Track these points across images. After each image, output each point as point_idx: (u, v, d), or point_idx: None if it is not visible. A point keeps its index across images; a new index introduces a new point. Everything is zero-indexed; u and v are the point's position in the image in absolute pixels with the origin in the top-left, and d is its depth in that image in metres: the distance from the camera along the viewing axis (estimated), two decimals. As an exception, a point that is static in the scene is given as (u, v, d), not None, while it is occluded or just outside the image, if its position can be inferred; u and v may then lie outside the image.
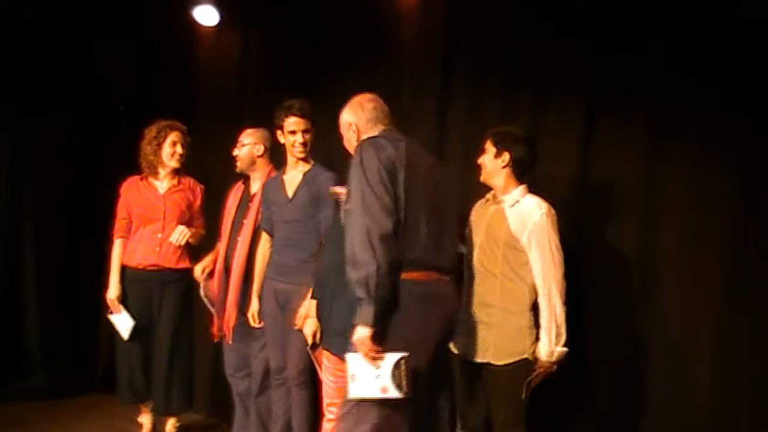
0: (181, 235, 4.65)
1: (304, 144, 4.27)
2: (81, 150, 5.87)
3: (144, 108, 4.77)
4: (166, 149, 4.72)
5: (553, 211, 3.61)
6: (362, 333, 3.10)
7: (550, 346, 3.51)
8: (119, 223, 4.77)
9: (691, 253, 3.83)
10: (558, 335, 3.52)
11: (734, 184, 3.71)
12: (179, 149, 4.74)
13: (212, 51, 5.82)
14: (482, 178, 3.76)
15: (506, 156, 3.67)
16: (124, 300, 4.66)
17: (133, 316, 4.63)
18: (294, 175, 4.30)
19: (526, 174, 3.72)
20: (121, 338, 4.67)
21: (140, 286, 4.69)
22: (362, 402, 3.18)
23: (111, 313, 4.68)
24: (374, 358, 3.10)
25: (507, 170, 3.68)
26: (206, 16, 5.68)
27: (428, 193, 3.32)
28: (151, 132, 4.74)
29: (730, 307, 3.71)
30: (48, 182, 5.81)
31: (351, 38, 5.02)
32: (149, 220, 4.72)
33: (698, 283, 3.81)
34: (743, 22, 3.68)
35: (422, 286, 3.24)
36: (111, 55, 5.78)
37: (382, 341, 3.12)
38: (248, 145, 4.52)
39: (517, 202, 3.65)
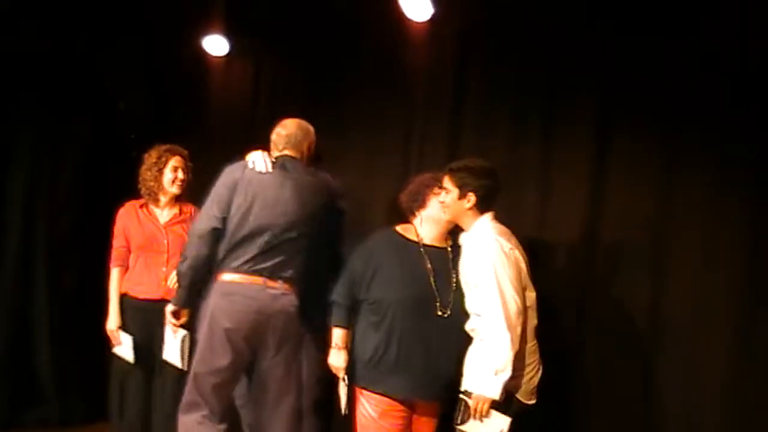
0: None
1: None
2: (93, 180, 5.88)
3: (155, 137, 4.76)
4: (167, 175, 4.50)
5: (505, 247, 3.48)
6: (169, 307, 3.88)
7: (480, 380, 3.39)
8: (117, 251, 4.54)
9: (704, 290, 3.84)
10: (497, 371, 3.35)
11: (748, 218, 3.73)
12: (180, 175, 4.53)
13: (222, 81, 5.86)
14: (445, 216, 3.69)
15: (471, 196, 3.55)
16: (124, 329, 4.46)
17: (132, 335, 4.42)
18: None
19: (491, 205, 3.61)
20: (119, 367, 4.54)
21: (144, 317, 4.43)
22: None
23: (113, 346, 4.49)
24: (174, 331, 3.87)
25: (473, 210, 3.58)
26: (216, 46, 5.72)
27: (275, 215, 3.74)
28: (150, 157, 4.55)
29: (744, 345, 3.72)
30: (60, 212, 5.82)
31: (361, 66, 5.06)
32: (151, 252, 4.49)
33: (711, 323, 3.82)
34: (754, 56, 3.71)
35: (234, 286, 3.73)
36: (122, 85, 5.81)
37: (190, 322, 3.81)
38: None
39: (477, 238, 3.53)
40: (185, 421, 3.84)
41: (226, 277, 3.76)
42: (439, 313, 3.59)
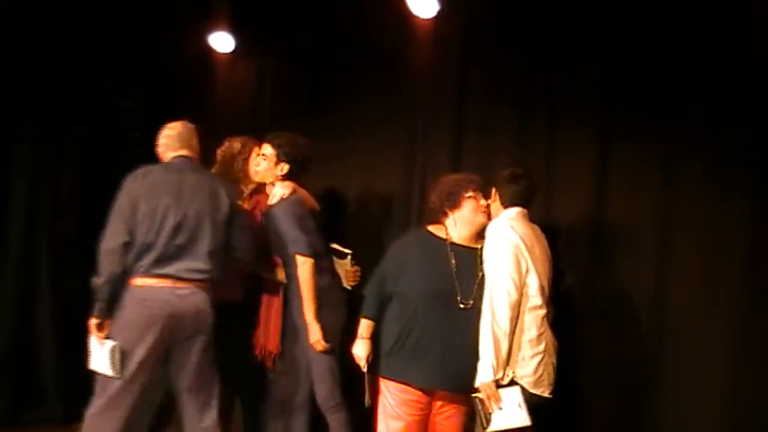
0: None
1: None
2: (96, 179, 5.88)
3: (158, 135, 4.73)
4: (252, 165, 4.30)
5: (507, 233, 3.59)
6: (91, 321, 3.78)
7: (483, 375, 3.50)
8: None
9: (704, 289, 3.81)
10: (497, 365, 3.48)
11: (748, 218, 3.71)
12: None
13: (228, 77, 5.85)
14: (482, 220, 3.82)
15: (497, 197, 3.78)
16: None
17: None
18: None
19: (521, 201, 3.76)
20: None
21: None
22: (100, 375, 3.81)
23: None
24: (101, 342, 3.76)
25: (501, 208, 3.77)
26: (222, 42, 5.70)
27: (176, 215, 3.80)
28: (232, 147, 4.38)
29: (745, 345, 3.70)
30: (62, 212, 5.82)
31: (366, 65, 5.03)
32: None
33: (713, 320, 3.80)
34: (755, 57, 3.69)
35: (145, 291, 3.78)
36: (126, 82, 5.80)
37: (110, 331, 3.77)
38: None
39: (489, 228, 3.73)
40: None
41: (138, 281, 3.79)
42: (461, 305, 3.68)
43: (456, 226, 3.82)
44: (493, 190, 3.80)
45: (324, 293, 4.06)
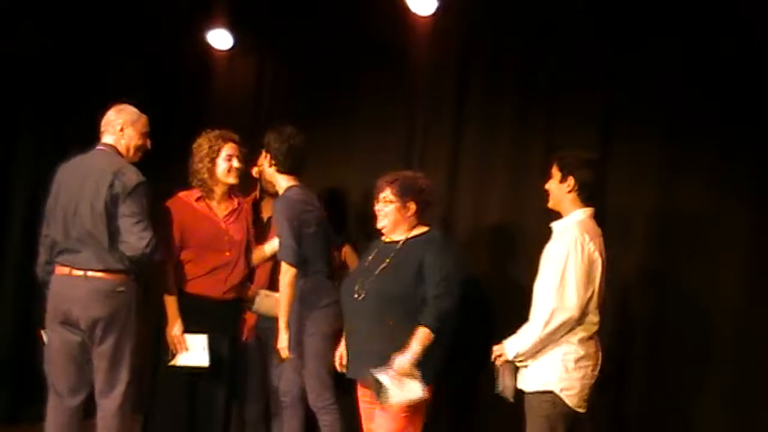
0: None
1: None
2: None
3: (157, 131, 4.72)
4: (221, 164, 4.15)
5: (586, 245, 3.38)
6: None
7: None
8: (171, 249, 4.09)
9: (708, 281, 3.83)
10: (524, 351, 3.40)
11: (749, 213, 3.74)
12: (236, 163, 4.17)
13: (227, 75, 5.84)
14: (549, 205, 3.60)
15: (571, 180, 3.49)
16: (187, 331, 4.08)
17: (198, 332, 4.03)
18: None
19: (593, 198, 3.54)
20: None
21: (208, 317, 4.12)
22: None
23: (174, 355, 4.03)
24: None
25: (572, 195, 3.51)
26: (221, 40, 5.69)
27: (74, 202, 3.79)
28: (201, 147, 4.18)
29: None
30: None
31: (365, 62, 5.04)
32: (211, 250, 4.15)
33: (712, 314, 3.83)
34: (758, 53, 3.70)
35: (54, 279, 3.88)
36: (125, 80, 5.78)
37: None
38: None
39: (566, 227, 3.48)
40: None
41: (55, 270, 3.90)
42: (355, 296, 3.67)
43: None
44: (555, 164, 3.54)
45: (308, 296, 4.02)
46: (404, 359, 3.45)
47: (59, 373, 3.92)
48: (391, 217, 3.71)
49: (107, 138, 3.97)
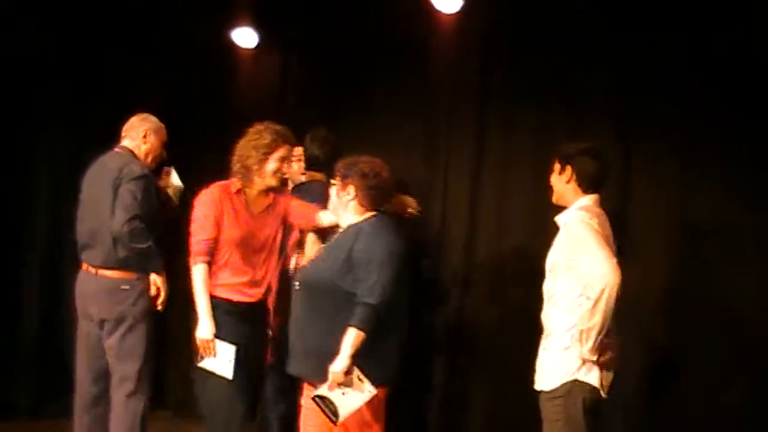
0: None
1: None
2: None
3: (181, 130, 4.74)
4: (271, 164, 3.76)
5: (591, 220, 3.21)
6: None
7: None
8: (205, 244, 3.74)
9: (728, 288, 3.83)
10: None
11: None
12: (285, 167, 3.86)
13: (251, 73, 5.85)
14: (553, 199, 3.46)
15: (569, 170, 3.35)
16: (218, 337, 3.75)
17: (229, 342, 3.74)
18: None
19: (595, 186, 3.35)
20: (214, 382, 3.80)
21: (240, 322, 3.82)
22: None
23: (201, 359, 3.73)
24: None
25: (572, 185, 3.36)
26: (245, 38, 5.71)
27: (88, 201, 4.09)
28: (261, 137, 3.80)
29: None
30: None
31: (388, 61, 5.03)
32: (247, 249, 3.81)
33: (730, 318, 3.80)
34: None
35: (78, 275, 4.15)
36: (150, 79, 5.81)
37: None
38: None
39: (569, 217, 3.32)
40: None
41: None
42: (296, 285, 3.52)
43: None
44: (568, 168, 3.36)
45: None
46: (337, 367, 3.24)
47: (80, 362, 4.17)
48: (332, 198, 3.55)
49: (127, 142, 4.15)
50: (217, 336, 3.72)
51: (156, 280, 4.06)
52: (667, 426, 3.98)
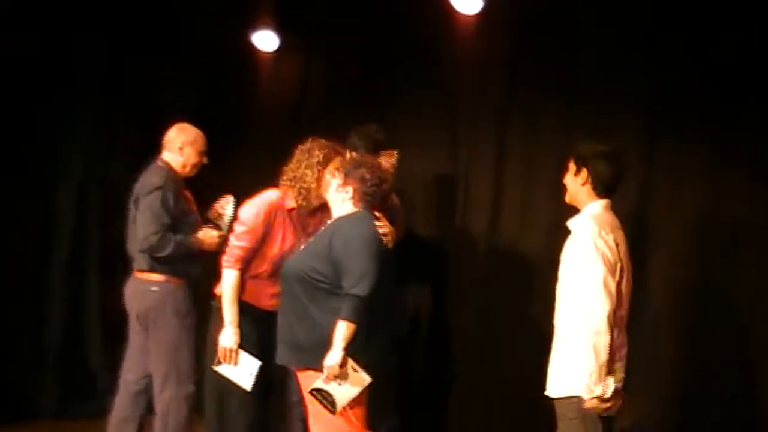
0: None
1: None
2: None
3: (203, 133, 4.76)
4: (328, 177, 3.67)
5: (605, 237, 3.16)
6: None
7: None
8: (244, 251, 3.75)
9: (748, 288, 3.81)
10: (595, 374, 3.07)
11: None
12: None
13: (271, 76, 5.87)
14: (566, 199, 3.39)
15: (584, 172, 3.28)
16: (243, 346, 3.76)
17: (255, 356, 3.74)
18: None
19: (609, 191, 3.29)
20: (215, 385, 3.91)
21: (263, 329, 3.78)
22: None
23: (219, 363, 3.73)
24: None
25: (587, 188, 3.28)
26: (266, 41, 5.73)
27: (130, 210, 4.23)
28: (313, 154, 3.74)
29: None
30: (113, 211, 5.91)
31: (409, 62, 5.04)
32: (281, 264, 3.62)
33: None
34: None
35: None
36: (170, 81, 5.85)
37: None
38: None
39: (581, 224, 3.25)
40: None
41: None
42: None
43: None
44: (584, 171, 3.28)
45: None
46: (331, 360, 3.25)
47: (126, 358, 4.33)
48: (330, 189, 3.57)
49: (165, 155, 4.26)
50: (241, 346, 3.74)
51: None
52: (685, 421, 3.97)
